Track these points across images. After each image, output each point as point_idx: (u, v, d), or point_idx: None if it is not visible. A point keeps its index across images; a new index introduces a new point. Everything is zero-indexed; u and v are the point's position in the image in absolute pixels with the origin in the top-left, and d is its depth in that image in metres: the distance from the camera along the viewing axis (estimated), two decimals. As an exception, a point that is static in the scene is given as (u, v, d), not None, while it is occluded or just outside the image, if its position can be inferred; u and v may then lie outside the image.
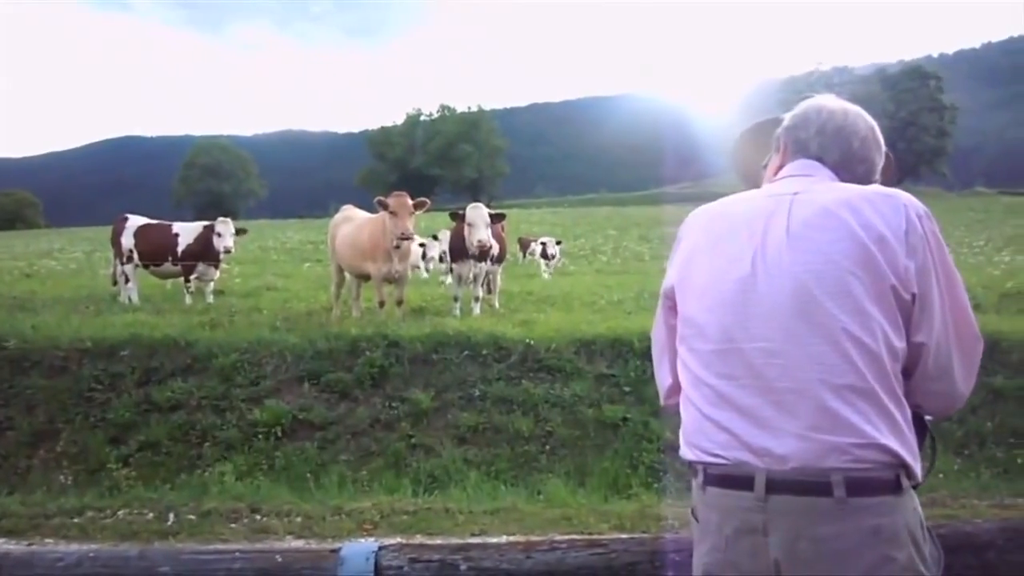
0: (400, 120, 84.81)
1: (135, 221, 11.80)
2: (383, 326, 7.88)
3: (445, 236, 10.72)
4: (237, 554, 1.67)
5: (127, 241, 11.46)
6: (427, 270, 15.68)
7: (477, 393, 6.95)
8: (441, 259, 12.13)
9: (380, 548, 1.68)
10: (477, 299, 9.49)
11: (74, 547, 1.62)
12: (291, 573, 1.64)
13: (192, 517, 5.29)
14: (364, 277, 9.18)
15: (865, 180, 1.74)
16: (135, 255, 11.36)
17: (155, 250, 11.39)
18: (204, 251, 11.33)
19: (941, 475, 6.06)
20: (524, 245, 22.35)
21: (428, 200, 8.90)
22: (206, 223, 11.95)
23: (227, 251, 11.39)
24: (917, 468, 1.53)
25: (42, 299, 11.11)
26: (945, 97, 70.51)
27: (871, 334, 1.50)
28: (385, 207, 8.39)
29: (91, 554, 1.65)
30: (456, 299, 9.44)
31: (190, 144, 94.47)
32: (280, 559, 1.66)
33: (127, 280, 11.33)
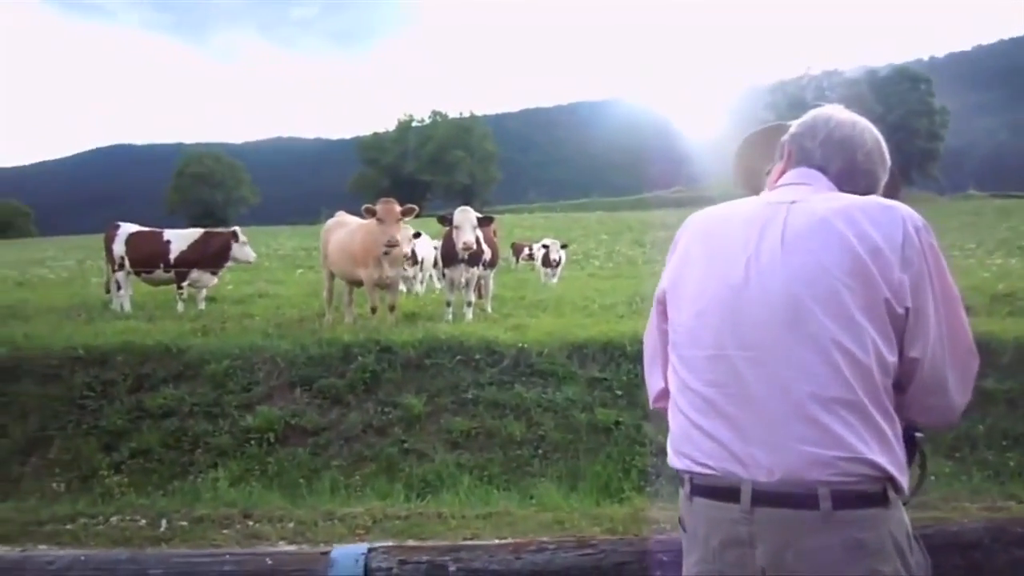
0: (392, 126, 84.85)
1: (126, 228, 11.82)
2: (375, 332, 7.89)
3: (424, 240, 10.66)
4: (227, 557, 1.68)
5: (119, 248, 11.49)
6: (421, 281, 12.98)
7: (470, 398, 6.96)
8: (435, 263, 11.98)
9: (370, 550, 1.69)
10: (469, 304, 9.50)
11: (66, 551, 1.62)
12: (280, 575, 1.66)
13: (184, 523, 5.27)
14: (356, 283, 9.20)
15: (867, 193, 1.73)
16: (127, 262, 11.37)
17: (146, 257, 11.42)
18: (200, 258, 11.37)
19: (933, 477, 6.09)
20: (517, 250, 22.32)
21: (416, 207, 8.92)
22: (204, 230, 12.00)
23: (250, 260, 11.71)
24: (905, 482, 1.53)
25: (34, 307, 11.09)
26: (936, 100, 70.81)
27: (862, 347, 1.49)
28: (373, 214, 8.41)
29: (82, 558, 1.66)
30: (448, 304, 9.45)
31: (181, 152, 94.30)
32: (270, 562, 1.67)
33: (119, 287, 11.33)
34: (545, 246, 16.34)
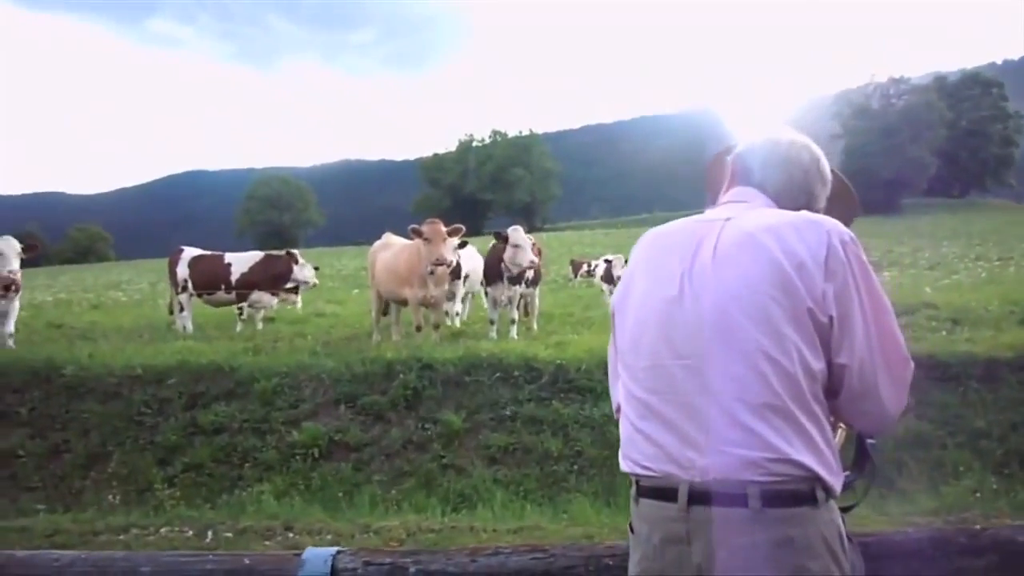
0: (453, 146, 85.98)
1: (189, 252, 12.32)
2: (418, 349, 8.08)
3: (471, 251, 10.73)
4: (210, 557, 1.85)
5: (182, 271, 11.98)
6: (463, 300, 11.78)
7: (508, 414, 7.07)
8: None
9: (338, 552, 1.83)
10: (513, 322, 9.64)
11: (69, 552, 1.80)
12: (256, 574, 1.81)
13: (229, 535, 5.51)
14: (402, 302, 9.42)
15: (806, 208, 1.81)
16: (190, 285, 11.85)
17: (208, 280, 11.87)
18: (260, 280, 11.79)
19: (977, 494, 5.97)
20: (576, 267, 22.36)
21: (462, 226, 9.11)
22: (265, 253, 12.45)
23: (307, 282, 12.13)
24: (835, 483, 1.60)
25: (102, 329, 11.65)
26: (1009, 105, 68.39)
27: (787, 355, 1.57)
28: (419, 235, 8.63)
29: (82, 556, 1.85)
30: (492, 322, 9.60)
31: (252, 177, 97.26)
32: (248, 561, 1.83)
33: (182, 309, 11.81)
34: (608, 261, 16.49)
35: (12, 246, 9.21)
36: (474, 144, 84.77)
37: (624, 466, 1.75)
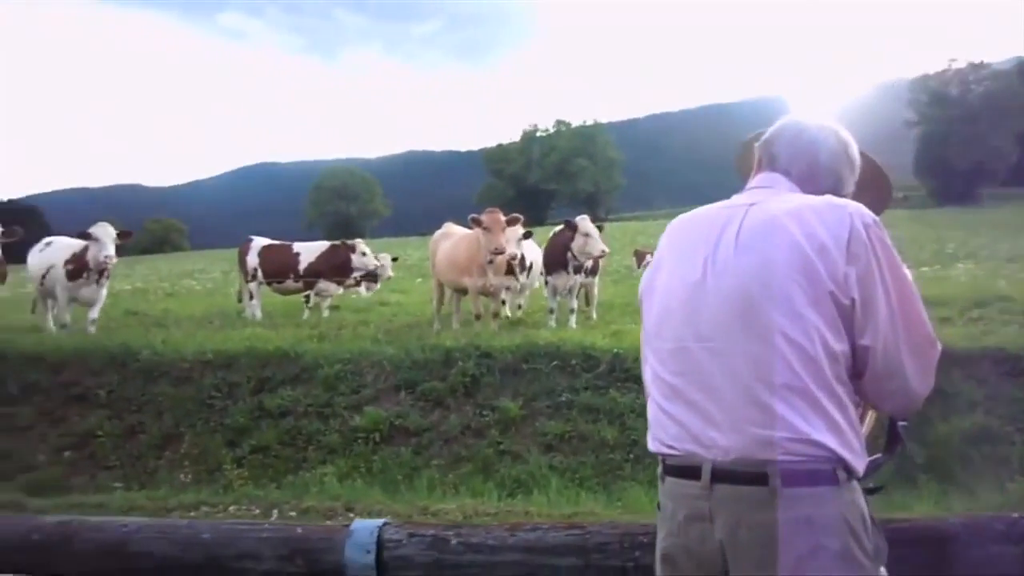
0: (517, 137, 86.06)
1: (259, 242, 12.68)
2: (476, 337, 8.19)
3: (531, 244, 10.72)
4: (266, 525, 1.96)
5: (252, 261, 12.34)
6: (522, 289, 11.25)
7: (564, 402, 7.12)
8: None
9: (384, 524, 1.92)
10: (573, 311, 9.67)
11: (138, 519, 1.94)
12: (309, 543, 1.91)
13: (293, 514, 5.72)
14: (462, 291, 9.55)
15: (832, 192, 1.82)
16: (259, 273, 12.21)
17: (277, 268, 12.21)
18: (326, 269, 12.09)
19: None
20: (640, 257, 22.23)
21: (520, 216, 9.18)
22: (331, 243, 12.75)
23: (369, 269, 12.46)
24: (857, 464, 1.62)
25: (176, 316, 12.12)
26: (1098, 88, 64.89)
27: (807, 337, 1.60)
28: (478, 224, 8.73)
29: (148, 522, 1.98)
30: (551, 311, 9.66)
31: (320, 168, 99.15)
32: (300, 531, 1.93)
33: (251, 297, 12.19)
34: None
35: (108, 232, 9.64)
36: (538, 134, 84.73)
37: (651, 446, 1.80)
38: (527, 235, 9.66)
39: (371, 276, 15.77)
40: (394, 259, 16.90)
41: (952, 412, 6.38)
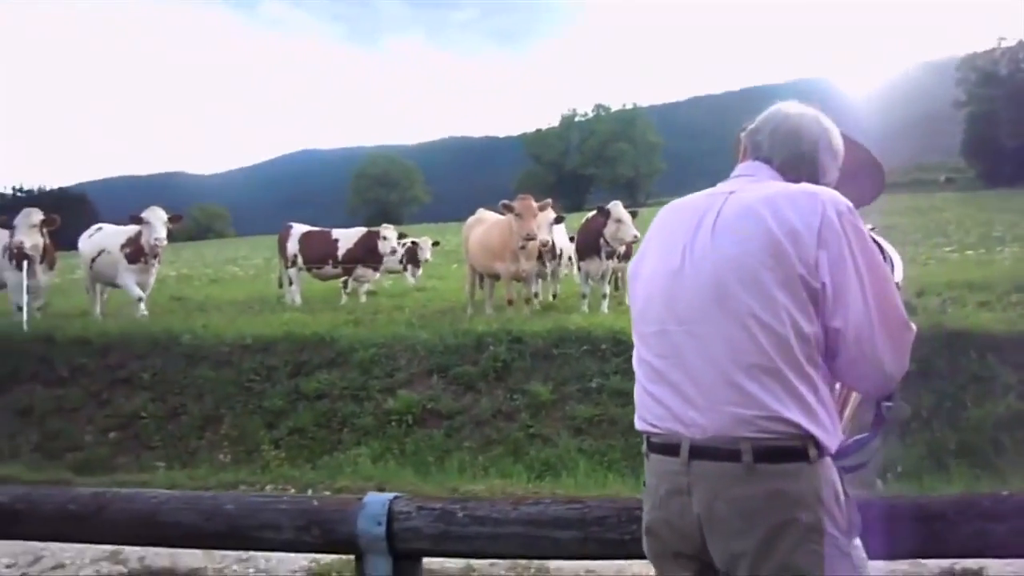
0: (556, 122, 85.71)
1: (299, 229, 12.92)
2: (508, 322, 8.29)
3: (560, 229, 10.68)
4: (285, 498, 2.08)
5: (292, 247, 12.58)
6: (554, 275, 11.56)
7: (594, 386, 7.19)
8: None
9: (395, 497, 2.02)
10: (605, 296, 9.72)
11: (167, 491, 2.08)
12: (324, 514, 2.02)
13: (327, 493, 5.88)
14: (495, 276, 9.65)
15: (813, 179, 1.88)
16: (299, 259, 12.45)
17: (317, 254, 12.44)
18: (364, 255, 12.28)
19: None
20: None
21: (551, 200, 9.25)
22: (367, 229, 12.93)
23: (393, 254, 12.55)
24: (828, 441, 1.68)
25: (217, 301, 12.41)
26: None
27: (777, 318, 1.66)
28: (510, 210, 8.81)
29: (176, 494, 2.11)
30: (584, 296, 9.71)
31: (362, 155, 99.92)
32: (316, 503, 2.05)
33: (291, 283, 12.44)
34: None
35: (159, 216, 9.88)
36: (577, 119, 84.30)
37: (637, 425, 1.89)
38: (559, 220, 9.72)
39: (413, 260, 15.96)
40: (435, 243, 17.02)
41: (986, 397, 6.33)
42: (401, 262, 15.87)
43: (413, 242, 16.07)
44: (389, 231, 12.42)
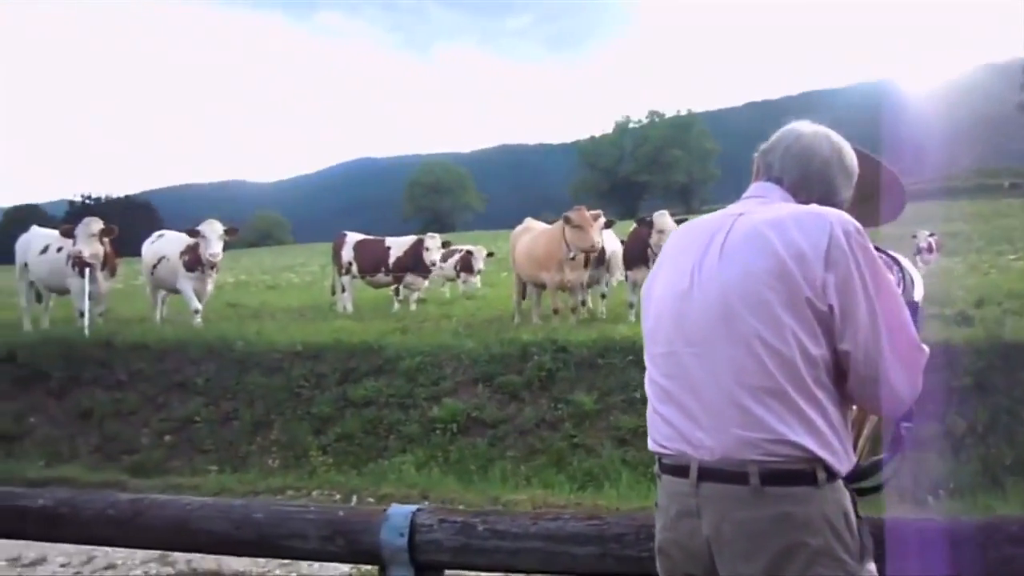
0: (610, 128, 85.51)
1: (353, 237, 13.14)
2: (553, 332, 8.30)
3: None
4: (312, 508, 2.13)
5: (346, 255, 12.80)
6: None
7: (639, 396, 7.13)
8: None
9: (417, 510, 2.06)
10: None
11: (199, 498, 2.15)
12: (349, 525, 2.06)
13: (371, 499, 5.97)
14: (540, 285, 9.68)
15: (825, 199, 1.86)
16: (353, 267, 12.66)
17: (370, 262, 12.63)
18: (414, 263, 12.42)
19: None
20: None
21: (600, 211, 9.29)
22: (417, 237, 13.08)
23: (432, 264, 12.49)
24: (838, 465, 1.65)
25: (271, 308, 12.68)
26: None
27: (784, 341, 1.65)
28: (569, 222, 8.86)
29: (209, 502, 2.18)
30: (631, 306, 9.67)
31: (416, 163, 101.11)
32: (342, 514, 2.09)
33: (343, 289, 12.65)
34: None
35: (215, 229, 10.10)
36: (631, 126, 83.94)
37: (650, 445, 1.89)
38: (608, 224, 9.77)
39: (467, 269, 16.06)
40: (490, 254, 17.06)
41: (1045, 413, 6.12)
42: (455, 269, 16.02)
43: (467, 251, 16.17)
44: (432, 240, 12.46)
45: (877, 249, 1.95)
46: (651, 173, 76.10)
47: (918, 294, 1.89)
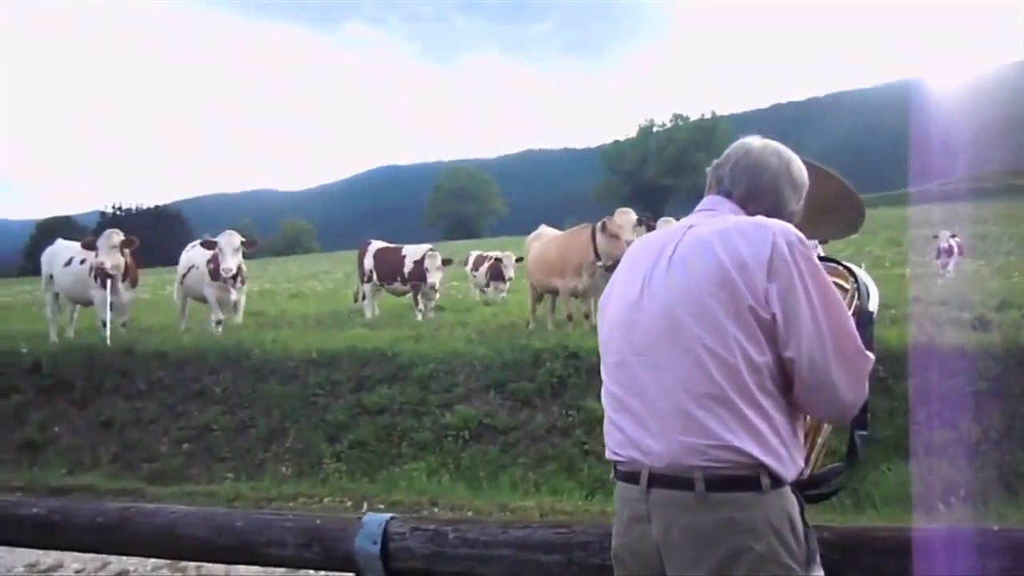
0: (633, 133, 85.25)
1: (375, 245, 13.25)
2: (565, 338, 8.32)
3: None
4: (290, 516, 2.19)
5: (368, 263, 12.92)
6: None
7: (650, 402, 7.14)
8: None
9: (391, 519, 2.11)
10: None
11: (183, 507, 2.23)
12: (325, 532, 2.12)
13: (381, 507, 6.03)
14: (553, 292, 9.71)
15: (773, 211, 1.91)
16: (375, 275, 12.77)
17: (388, 270, 12.73)
18: (424, 272, 12.48)
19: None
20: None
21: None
22: (431, 245, 13.14)
23: (433, 288, 12.46)
24: (783, 471, 1.68)
25: (290, 317, 12.82)
26: None
27: (727, 349, 1.69)
28: (604, 229, 8.86)
29: (193, 510, 2.25)
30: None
31: (440, 169, 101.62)
32: (319, 521, 2.15)
33: (365, 297, 12.77)
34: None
35: (232, 243, 10.10)
36: (655, 129, 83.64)
37: (607, 453, 1.93)
38: (650, 228, 9.76)
39: (498, 276, 16.05)
40: (519, 259, 17.05)
41: (1061, 418, 6.03)
42: (487, 277, 16.07)
43: (496, 259, 16.20)
44: (432, 260, 12.12)
45: (831, 259, 1.98)
46: (675, 177, 75.72)
47: (873, 304, 1.91)
